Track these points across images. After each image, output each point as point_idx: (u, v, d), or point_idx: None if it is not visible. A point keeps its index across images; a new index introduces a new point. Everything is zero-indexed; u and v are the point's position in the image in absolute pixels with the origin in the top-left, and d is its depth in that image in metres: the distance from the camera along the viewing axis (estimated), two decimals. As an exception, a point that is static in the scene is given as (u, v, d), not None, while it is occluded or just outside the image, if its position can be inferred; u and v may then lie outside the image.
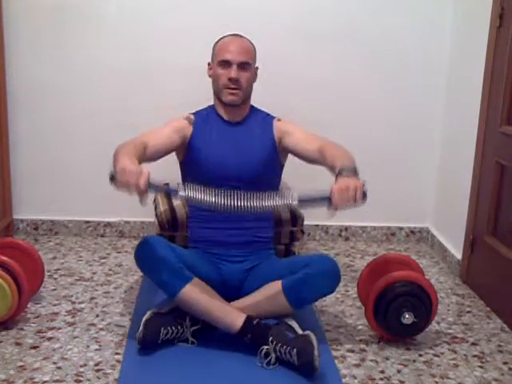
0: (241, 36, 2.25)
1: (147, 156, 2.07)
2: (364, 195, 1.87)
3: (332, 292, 2.11)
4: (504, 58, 2.41)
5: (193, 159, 2.23)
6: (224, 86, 2.19)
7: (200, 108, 2.33)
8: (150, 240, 2.10)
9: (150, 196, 1.92)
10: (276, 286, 2.07)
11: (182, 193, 1.86)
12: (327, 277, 2.07)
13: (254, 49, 2.26)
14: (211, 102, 2.33)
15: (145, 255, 2.06)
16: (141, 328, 1.96)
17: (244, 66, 2.18)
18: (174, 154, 2.30)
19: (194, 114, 2.31)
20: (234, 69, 2.16)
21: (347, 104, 3.11)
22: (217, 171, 2.19)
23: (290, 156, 2.33)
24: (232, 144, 2.23)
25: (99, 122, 3.09)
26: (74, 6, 2.95)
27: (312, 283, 2.04)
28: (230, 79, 2.17)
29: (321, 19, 3.00)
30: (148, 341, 1.97)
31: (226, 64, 2.17)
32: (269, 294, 2.07)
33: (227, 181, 2.17)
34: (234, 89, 2.18)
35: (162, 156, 2.20)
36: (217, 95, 2.26)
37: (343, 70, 3.07)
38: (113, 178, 1.86)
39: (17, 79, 3.02)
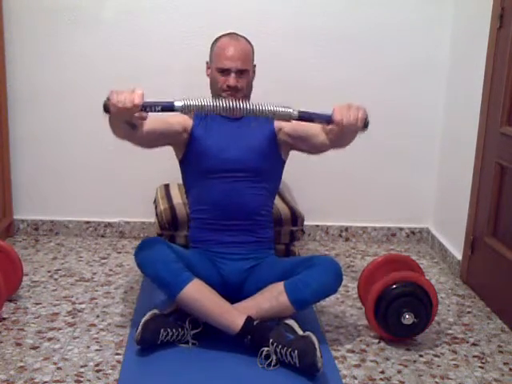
0: (238, 36, 2.24)
1: (144, 131, 2.03)
2: (366, 122, 1.88)
3: (334, 293, 2.12)
4: (504, 58, 2.41)
5: (193, 151, 2.23)
6: (223, 90, 2.20)
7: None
8: (150, 241, 2.11)
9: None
10: (278, 288, 2.07)
11: (178, 103, 1.81)
12: (330, 278, 2.07)
13: (252, 48, 2.26)
14: (211, 103, 2.33)
15: (145, 257, 2.06)
16: (139, 329, 1.96)
17: (242, 71, 2.18)
18: (174, 156, 2.31)
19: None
20: (233, 76, 2.16)
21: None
22: (217, 163, 2.19)
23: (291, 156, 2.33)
24: (232, 136, 2.23)
25: (99, 123, 3.07)
26: (71, 9, 2.95)
27: (315, 284, 2.04)
28: (228, 86, 2.18)
29: (321, 20, 3.00)
30: (147, 342, 1.97)
31: (224, 71, 2.17)
32: (271, 295, 2.07)
33: (228, 172, 2.19)
34: (232, 93, 2.19)
35: (159, 140, 2.18)
36: (215, 96, 2.26)
37: (343, 70, 3.06)
38: (106, 107, 1.87)
39: (17, 80, 3.02)
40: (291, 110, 1.86)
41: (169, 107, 1.84)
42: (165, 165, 2.71)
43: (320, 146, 2.16)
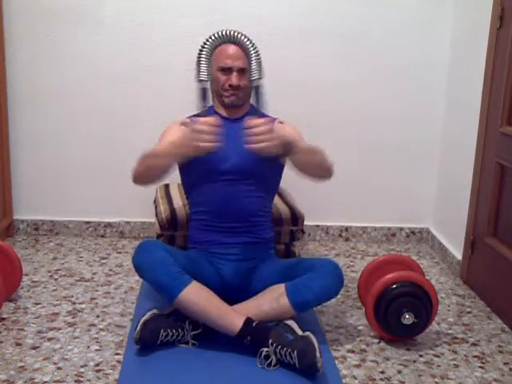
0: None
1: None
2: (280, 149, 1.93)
3: (335, 296, 2.12)
4: (504, 58, 2.41)
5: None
6: (224, 90, 2.20)
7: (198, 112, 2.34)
8: (147, 245, 2.09)
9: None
10: (279, 290, 2.07)
11: (200, 82, 2.11)
12: (331, 281, 2.07)
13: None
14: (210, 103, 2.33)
15: (142, 261, 2.05)
16: (138, 328, 1.96)
17: (244, 70, 2.18)
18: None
19: (190, 117, 2.31)
20: (235, 75, 2.16)
21: (347, 105, 3.11)
22: (216, 166, 2.19)
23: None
24: (231, 138, 2.23)
25: (99, 123, 3.09)
26: (71, 9, 2.95)
27: (316, 288, 2.04)
28: (230, 85, 2.18)
29: (321, 20, 3.00)
30: (146, 342, 1.97)
31: (226, 70, 2.17)
32: (272, 297, 2.07)
33: (226, 175, 2.19)
34: (234, 92, 2.19)
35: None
36: (216, 96, 2.26)
37: (343, 71, 3.07)
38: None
39: (17, 80, 3.02)
40: (258, 77, 2.06)
41: (202, 92, 2.10)
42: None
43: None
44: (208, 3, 2.97)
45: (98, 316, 2.28)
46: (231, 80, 2.17)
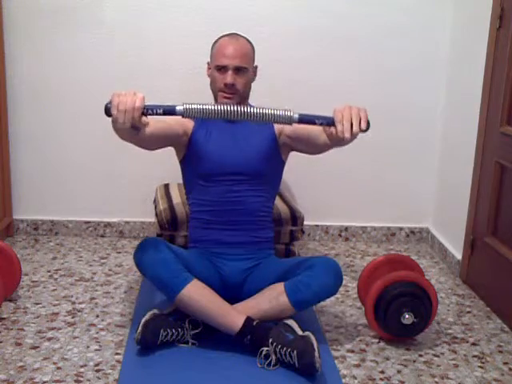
0: (238, 36, 2.24)
1: (146, 133, 2.01)
2: (367, 123, 1.85)
3: (334, 294, 2.12)
4: (504, 58, 2.41)
5: (193, 154, 2.23)
6: (220, 89, 2.20)
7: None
8: (149, 242, 2.10)
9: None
10: (278, 288, 2.07)
11: (179, 107, 1.80)
12: (330, 279, 2.07)
13: (253, 48, 2.25)
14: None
15: (144, 258, 2.05)
16: (139, 329, 1.96)
17: (240, 69, 2.18)
18: (175, 154, 2.31)
19: None
20: (230, 74, 2.15)
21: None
22: (217, 167, 2.19)
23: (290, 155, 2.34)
24: (232, 138, 2.23)
25: (99, 123, 3.08)
26: (71, 9, 2.95)
27: (315, 285, 2.04)
28: (225, 84, 2.17)
29: (321, 21, 3.00)
30: (147, 342, 1.97)
31: (222, 68, 2.17)
32: (271, 296, 2.07)
33: (228, 175, 2.19)
34: (229, 93, 2.18)
35: (160, 142, 2.18)
36: (215, 97, 2.27)
37: (343, 71, 3.06)
38: (108, 111, 1.82)
39: (17, 80, 3.02)
40: (292, 114, 1.83)
41: (170, 111, 1.83)
42: (165, 165, 2.71)
43: (321, 146, 2.14)
44: (208, 3, 2.97)
45: (97, 316, 2.28)
46: (226, 79, 2.16)
